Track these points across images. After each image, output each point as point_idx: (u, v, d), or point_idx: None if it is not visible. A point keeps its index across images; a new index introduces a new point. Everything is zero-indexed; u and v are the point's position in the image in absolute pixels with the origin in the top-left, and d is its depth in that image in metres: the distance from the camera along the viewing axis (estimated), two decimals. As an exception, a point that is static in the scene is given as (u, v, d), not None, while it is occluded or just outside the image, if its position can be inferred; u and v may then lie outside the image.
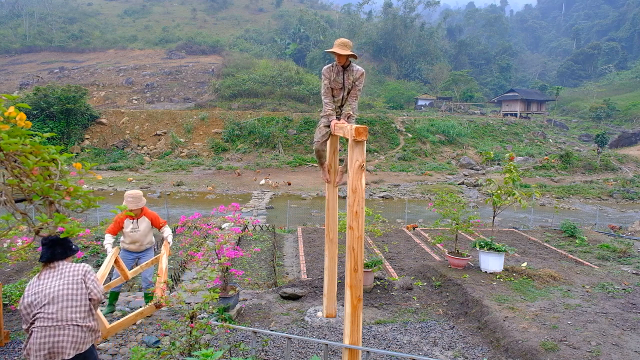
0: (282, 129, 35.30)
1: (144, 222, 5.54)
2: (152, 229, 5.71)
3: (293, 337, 4.25)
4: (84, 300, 2.91)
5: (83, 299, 2.91)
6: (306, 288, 6.73)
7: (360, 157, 3.74)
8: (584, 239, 11.45)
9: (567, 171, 31.70)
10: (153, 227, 5.65)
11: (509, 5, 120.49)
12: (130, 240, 5.56)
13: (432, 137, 36.62)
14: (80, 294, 2.91)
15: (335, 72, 4.73)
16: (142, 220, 5.53)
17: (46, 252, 2.96)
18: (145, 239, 5.60)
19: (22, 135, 1.73)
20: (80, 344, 2.85)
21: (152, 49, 62.02)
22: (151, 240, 5.75)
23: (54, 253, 2.97)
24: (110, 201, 20.37)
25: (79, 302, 2.88)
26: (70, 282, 2.91)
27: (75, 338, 2.82)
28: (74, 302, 2.87)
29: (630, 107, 52.70)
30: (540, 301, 5.93)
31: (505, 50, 78.38)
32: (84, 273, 3.00)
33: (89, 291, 2.96)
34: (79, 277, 2.96)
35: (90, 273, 3.03)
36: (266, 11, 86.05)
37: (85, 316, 2.90)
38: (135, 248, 5.61)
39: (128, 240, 5.59)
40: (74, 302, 2.87)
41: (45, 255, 2.96)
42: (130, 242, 5.57)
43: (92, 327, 2.95)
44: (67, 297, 2.85)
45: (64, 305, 2.83)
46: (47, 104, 31.61)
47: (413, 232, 12.76)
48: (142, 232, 5.54)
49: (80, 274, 2.98)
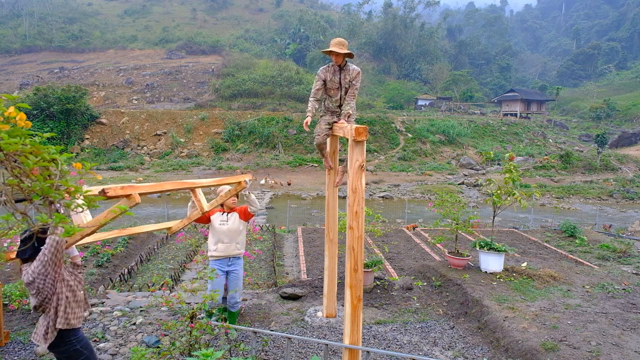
0: (282, 129, 35.31)
1: (233, 216, 5.10)
2: (243, 229, 5.17)
3: (293, 337, 4.26)
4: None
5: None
6: (306, 288, 6.73)
7: (360, 157, 3.74)
8: (584, 239, 11.46)
9: (567, 171, 31.70)
10: (241, 220, 5.11)
11: (509, 5, 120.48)
12: (217, 237, 5.04)
13: (432, 137, 36.62)
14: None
15: (331, 72, 4.76)
16: (232, 214, 5.10)
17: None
18: (234, 236, 5.04)
19: (22, 135, 1.72)
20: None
21: (152, 49, 62.05)
22: (242, 242, 5.16)
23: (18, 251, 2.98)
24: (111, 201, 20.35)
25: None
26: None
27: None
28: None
29: (630, 107, 52.70)
30: (540, 301, 5.93)
31: (505, 50, 78.39)
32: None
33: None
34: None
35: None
36: (266, 11, 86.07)
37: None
38: (223, 248, 5.01)
39: (215, 238, 5.06)
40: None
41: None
42: (218, 240, 5.03)
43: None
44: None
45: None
46: (47, 104, 31.61)
47: (413, 232, 12.76)
48: (231, 226, 5.02)
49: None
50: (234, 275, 5.10)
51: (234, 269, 5.10)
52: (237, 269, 5.11)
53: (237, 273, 5.11)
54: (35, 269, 2.88)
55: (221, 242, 5.02)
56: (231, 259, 5.09)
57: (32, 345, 4.76)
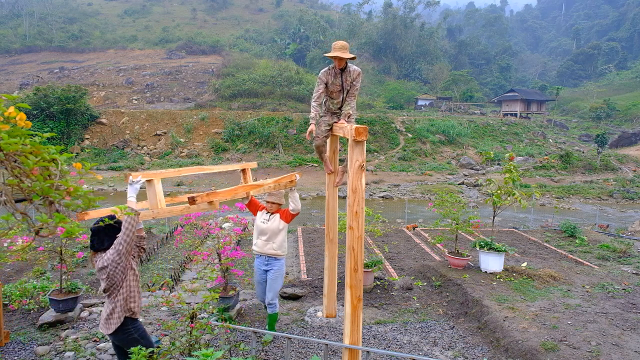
0: (282, 129, 35.31)
1: (274, 217, 5.16)
2: (283, 229, 5.18)
3: (293, 337, 4.26)
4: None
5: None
6: (306, 288, 6.73)
7: (360, 157, 3.74)
8: (584, 239, 11.45)
9: (567, 171, 31.70)
10: (282, 220, 5.14)
11: (509, 5, 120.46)
12: (257, 233, 5.16)
13: (432, 137, 36.61)
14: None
15: (332, 75, 4.76)
16: (274, 215, 5.16)
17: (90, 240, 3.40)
18: (272, 235, 5.09)
19: (22, 135, 1.72)
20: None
21: (152, 49, 62.03)
22: (280, 243, 5.16)
23: (92, 243, 3.37)
24: (111, 201, 20.38)
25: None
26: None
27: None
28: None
29: (630, 107, 52.68)
30: (540, 301, 5.93)
31: (505, 50, 78.37)
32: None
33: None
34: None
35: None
36: (266, 11, 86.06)
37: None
38: (260, 244, 5.10)
39: (256, 233, 5.18)
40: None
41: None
42: (257, 235, 5.16)
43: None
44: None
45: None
46: (47, 104, 31.60)
47: (413, 232, 12.76)
48: (270, 226, 5.10)
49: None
50: (270, 275, 5.14)
51: (271, 269, 5.14)
52: (274, 269, 5.13)
53: (272, 274, 5.12)
54: (111, 256, 3.23)
55: (259, 238, 5.16)
56: (268, 259, 5.15)
57: (32, 345, 4.77)
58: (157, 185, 3.83)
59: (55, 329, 5.14)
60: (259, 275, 5.17)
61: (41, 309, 5.57)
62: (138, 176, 3.67)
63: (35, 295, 5.82)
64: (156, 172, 3.91)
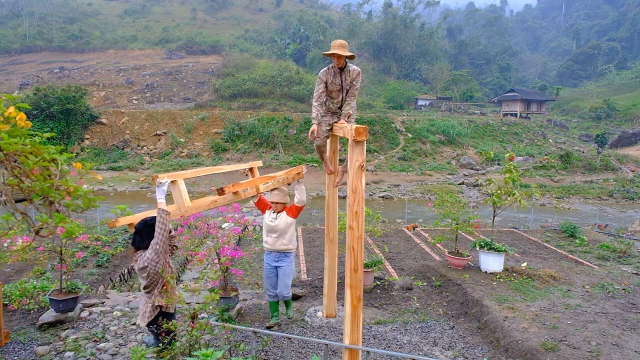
0: (282, 129, 35.31)
1: (281, 215, 5.22)
2: (292, 224, 5.24)
3: (293, 337, 4.25)
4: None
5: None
6: (306, 288, 6.73)
7: (360, 157, 3.73)
8: (584, 239, 11.45)
9: (567, 171, 31.70)
10: (289, 216, 5.20)
11: (509, 5, 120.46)
12: (267, 231, 5.25)
13: (432, 137, 36.62)
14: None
15: (332, 75, 4.75)
16: (281, 214, 5.23)
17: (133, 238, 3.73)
18: (282, 232, 5.18)
19: (22, 135, 1.72)
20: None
21: (152, 49, 62.03)
22: (290, 238, 5.24)
23: (134, 240, 3.69)
24: (110, 201, 20.38)
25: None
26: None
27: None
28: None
29: (630, 107, 52.69)
30: (540, 301, 5.93)
31: (505, 50, 78.38)
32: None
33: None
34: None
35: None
36: (266, 11, 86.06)
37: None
38: (271, 242, 5.19)
39: (266, 231, 5.28)
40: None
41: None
42: (267, 233, 5.25)
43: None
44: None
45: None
46: (47, 104, 31.60)
47: (413, 232, 12.76)
48: (279, 224, 5.17)
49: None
50: (281, 272, 5.23)
51: (281, 265, 5.24)
52: (284, 265, 5.24)
53: (283, 270, 5.23)
54: (150, 255, 3.55)
55: (269, 236, 5.27)
56: (278, 255, 5.25)
57: (32, 345, 4.77)
58: (181, 185, 4.18)
59: (55, 329, 5.14)
60: (268, 270, 5.32)
61: (41, 309, 5.56)
62: (164, 177, 3.92)
63: (35, 295, 5.81)
64: (178, 174, 4.28)
